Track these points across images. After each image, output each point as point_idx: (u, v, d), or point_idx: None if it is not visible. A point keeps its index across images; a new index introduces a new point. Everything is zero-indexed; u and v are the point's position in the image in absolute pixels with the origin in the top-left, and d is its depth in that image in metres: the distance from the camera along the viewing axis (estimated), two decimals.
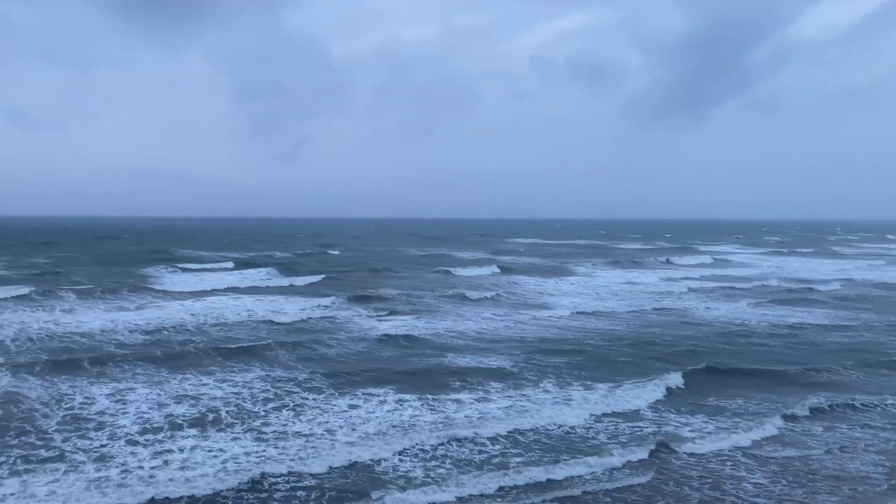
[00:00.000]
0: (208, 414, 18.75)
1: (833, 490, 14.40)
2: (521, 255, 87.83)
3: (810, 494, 14.18)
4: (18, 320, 32.53)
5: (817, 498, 14.02)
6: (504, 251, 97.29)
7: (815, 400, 20.67)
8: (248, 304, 39.40)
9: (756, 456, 16.32)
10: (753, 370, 24.67)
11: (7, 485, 13.87)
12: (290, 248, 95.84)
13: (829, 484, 14.70)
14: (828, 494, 14.18)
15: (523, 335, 31.13)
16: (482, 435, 17.37)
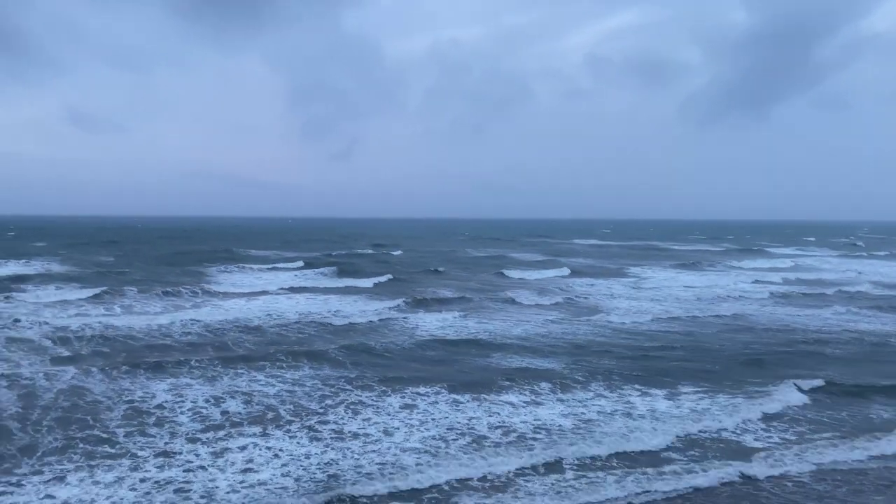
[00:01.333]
0: (267, 412, 18.96)
1: None
2: (582, 257, 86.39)
3: None
4: (82, 317, 33.79)
5: None
6: (564, 252, 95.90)
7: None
8: (302, 304, 39.90)
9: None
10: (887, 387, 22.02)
11: (72, 481, 14.24)
12: (345, 248, 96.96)
13: None
14: None
15: (600, 341, 30.47)
16: (586, 454, 16.40)
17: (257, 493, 13.68)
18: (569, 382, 22.44)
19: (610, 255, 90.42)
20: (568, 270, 62.97)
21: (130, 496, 13.41)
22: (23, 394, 20.11)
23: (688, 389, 21.76)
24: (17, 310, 35.48)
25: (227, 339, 29.22)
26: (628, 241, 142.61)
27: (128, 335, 29.42)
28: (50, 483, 13.95)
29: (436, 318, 35.08)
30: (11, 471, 14.55)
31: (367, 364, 25.00)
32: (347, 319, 34.57)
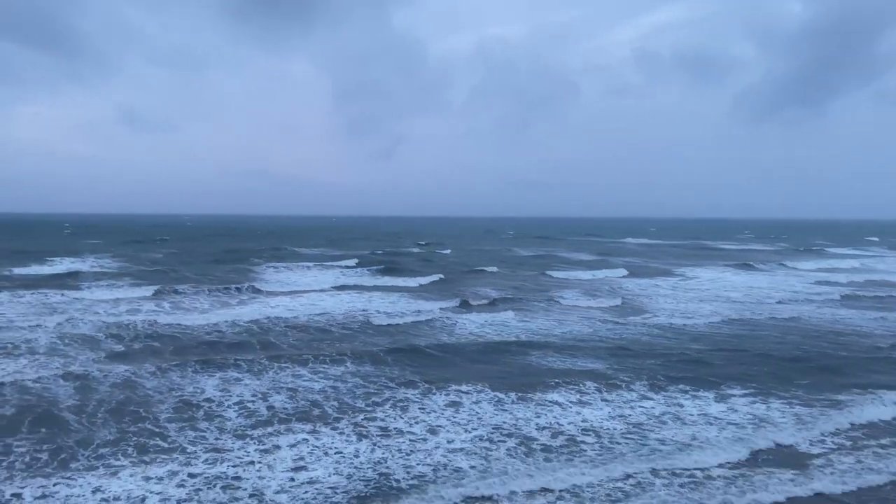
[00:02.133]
0: (313, 408, 19.15)
1: None
2: (633, 256, 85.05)
3: None
4: (134, 313, 34.75)
5: None
6: (613, 251, 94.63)
7: None
8: (348, 302, 40.23)
9: None
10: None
11: (124, 476, 14.59)
12: (390, 247, 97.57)
13: None
14: None
15: (649, 341, 29.93)
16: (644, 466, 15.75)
17: (308, 492, 13.75)
18: (616, 383, 22.07)
19: (660, 255, 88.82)
20: (621, 271, 61.90)
21: (181, 493, 13.65)
22: (78, 387, 20.74)
23: (742, 394, 21.14)
24: (72, 306, 36.70)
25: (274, 336, 29.62)
26: (678, 240, 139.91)
27: (178, 331, 30.09)
28: (103, 477, 14.31)
29: (482, 318, 34.93)
30: (67, 464, 14.99)
31: (412, 362, 25.03)
32: (392, 318, 34.68)
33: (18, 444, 16.02)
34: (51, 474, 14.33)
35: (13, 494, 13.36)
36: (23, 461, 14.99)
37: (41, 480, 14.00)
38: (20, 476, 14.22)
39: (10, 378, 21.75)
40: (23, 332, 28.94)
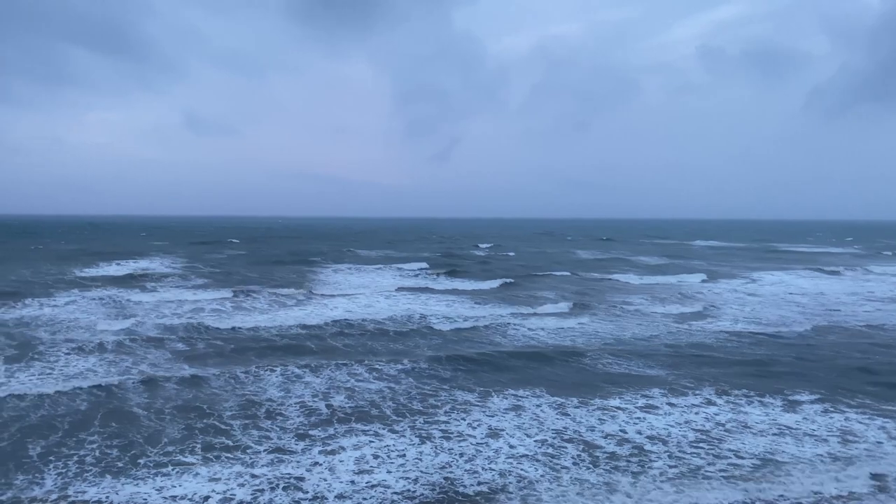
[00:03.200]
0: (372, 408, 19.33)
1: None
2: (703, 259, 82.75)
3: None
4: (198, 312, 35.82)
5: None
6: (682, 254, 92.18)
7: None
8: (407, 304, 40.48)
9: None
10: None
11: (191, 475, 15.00)
12: (448, 249, 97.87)
13: None
14: None
15: (731, 349, 29.13)
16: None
17: (372, 496, 13.81)
18: (681, 389, 21.56)
19: (731, 258, 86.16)
20: (691, 275, 60.06)
21: (244, 493, 13.93)
22: (145, 384, 21.46)
23: (810, 401, 20.30)
24: (139, 306, 38.09)
25: (335, 337, 30.02)
26: (745, 242, 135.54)
27: (240, 331, 30.83)
28: (170, 475, 14.75)
29: (546, 322, 34.59)
30: (136, 460, 15.50)
31: (472, 365, 24.95)
32: (454, 321, 34.66)
33: (90, 439, 16.67)
34: (120, 470, 14.85)
35: (84, 490, 13.88)
36: (93, 456, 15.58)
37: (110, 477, 14.52)
38: (92, 472, 14.78)
39: (80, 375, 22.69)
40: (92, 331, 30.17)
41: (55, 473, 14.57)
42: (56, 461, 15.24)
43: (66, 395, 20.25)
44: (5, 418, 17.99)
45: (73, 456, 15.55)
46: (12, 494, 13.47)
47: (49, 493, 13.57)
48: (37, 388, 20.99)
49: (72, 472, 14.73)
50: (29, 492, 13.61)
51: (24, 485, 13.97)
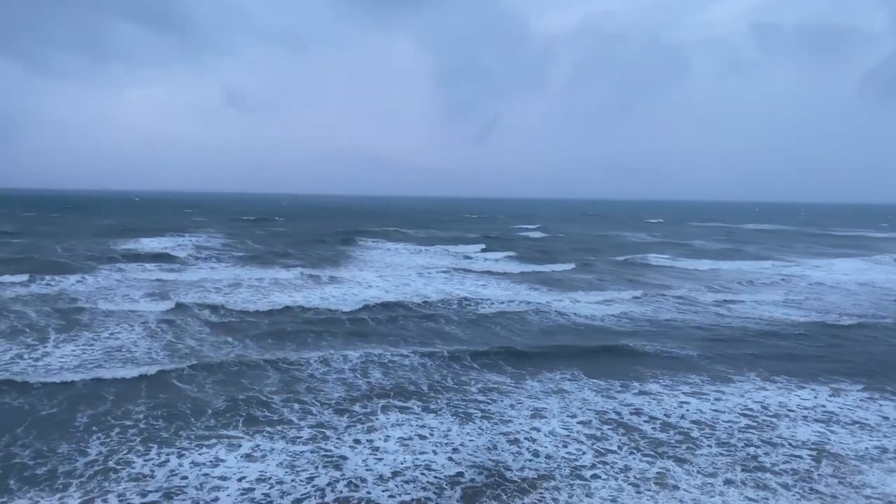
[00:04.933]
0: (408, 385, 19.60)
1: None
2: (758, 243, 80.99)
3: None
4: (237, 287, 36.56)
5: None
6: (738, 238, 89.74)
7: None
8: (445, 283, 40.65)
9: None
10: None
11: (234, 449, 15.39)
12: (489, 229, 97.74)
13: None
14: None
15: (776, 336, 28.65)
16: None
17: (418, 476, 13.96)
18: (726, 374, 21.35)
19: (784, 241, 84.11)
20: (747, 261, 58.60)
21: (284, 470, 14.24)
22: (188, 357, 22.07)
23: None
24: (180, 280, 39.01)
25: (374, 316, 30.32)
26: (798, 225, 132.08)
27: (280, 308, 31.35)
28: (214, 447, 15.16)
29: (588, 305, 34.39)
30: (180, 432, 15.96)
31: (513, 347, 24.97)
32: (491, 302, 34.70)
33: (136, 410, 17.20)
34: (164, 441, 15.31)
35: (128, 460, 14.35)
36: (138, 428, 16.07)
37: (155, 447, 14.98)
38: (135, 442, 15.27)
39: (124, 348, 23.41)
40: (134, 305, 31.01)
41: (99, 443, 15.08)
42: (100, 431, 15.77)
43: (111, 366, 20.93)
44: (51, 388, 18.67)
45: (116, 426, 16.07)
46: (55, 464, 13.98)
47: (92, 463, 14.06)
48: (81, 359, 21.74)
49: (115, 441, 15.23)
50: (71, 461, 14.12)
51: (68, 454, 14.49)
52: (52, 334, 24.84)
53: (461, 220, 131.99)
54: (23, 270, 39.28)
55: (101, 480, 13.25)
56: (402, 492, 13.10)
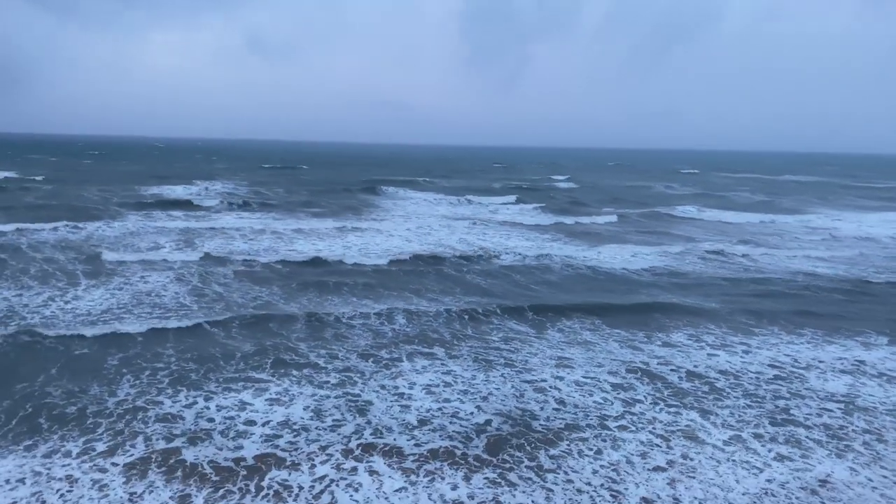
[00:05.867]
0: (430, 334, 19.80)
1: None
2: (795, 195, 79.25)
3: None
4: (260, 235, 36.88)
5: None
6: (776, 190, 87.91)
7: None
8: (468, 234, 40.63)
9: None
10: None
11: (262, 393, 15.66)
12: (522, 179, 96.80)
13: None
14: None
15: (802, 288, 28.32)
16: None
17: (446, 422, 14.11)
18: (748, 327, 21.28)
19: (825, 193, 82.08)
20: (781, 214, 57.50)
21: (310, 414, 14.46)
22: (215, 302, 22.44)
23: None
24: (204, 229, 39.37)
25: (396, 265, 30.43)
26: (838, 178, 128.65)
27: (304, 256, 31.59)
28: (243, 390, 15.45)
29: (610, 257, 34.19)
30: (210, 375, 16.27)
31: (531, 296, 25.02)
32: (515, 252, 34.64)
33: (165, 353, 17.55)
34: (192, 384, 15.63)
35: (157, 401, 14.69)
36: (168, 370, 16.41)
37: (184, 390, 15.30)
38: (164, 383, 15.61)
39: (153, 293, 23.82)
40: (159, 251, 31.45)
41: (129, 385, 15.44)
42: (129, 374, 16.12)
43: (140, 312, 21.34)
44: (82, 332, 19.08)
45: (147, 369, 16.42)
46: (84, 404, 14.35)
47: (121, 403, 14.41)
48: (110, 304, 22.17)
49: (145, 383, 15.58)
50: (101, 402, 14.49)
51: (98, 395, 14.87)
52: (82, 279, 25.32)
53: (487, 169, 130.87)
54: (51, 216, 39.95)
55: (130, 421, 13.59)
56: (428, 440, 13.22)
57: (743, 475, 12.13)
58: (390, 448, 12.79)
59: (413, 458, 12.43)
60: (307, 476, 11.70)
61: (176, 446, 12.61)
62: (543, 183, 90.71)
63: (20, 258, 28.51)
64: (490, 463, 12.35)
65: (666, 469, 12.24)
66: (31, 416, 13.61)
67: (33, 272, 26.09)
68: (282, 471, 11.85)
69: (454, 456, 12.57)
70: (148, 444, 12.62)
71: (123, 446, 12.51)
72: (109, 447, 12.48)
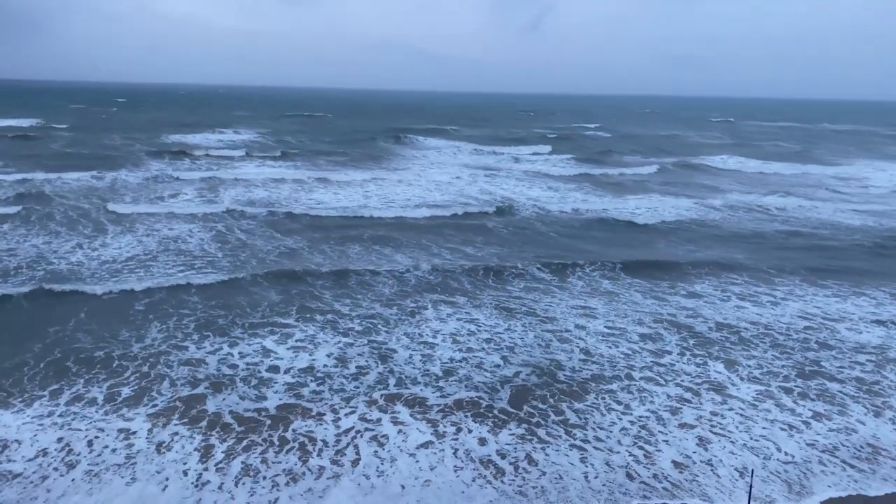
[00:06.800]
0: (452, 283, 19.71)
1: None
2: (834, 144, 77.26)
3: None
4: (279, 185, 36.92)
5: None
6: (815, 139, 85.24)
7: None
8: (487, 184, 40.29)
9: None
10: None
11: (288, 338, 15.76)
12: (553, 128, 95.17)
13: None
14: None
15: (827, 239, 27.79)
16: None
17: (467, 373, 14.10)
18: (774, 278, 20.98)
19: (866, 143, 79.67)
20: (808, 164, 56.08)
21: (331, 365, 14.51)
22: (238, 251, 22.60)
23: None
24: (225, 177, 39.46)
25: (417, 214, 30.31)
26: (887, 127, 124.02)
27: (324, 206, 31.63)
28: (269, 336, 15.53)
29: (634, 207, 33.80)
30: (234, 320, 16.37)
31: (553, 246, 24.87)
32: (535, 201, 34.36)
33: (192, 301, 17.69)
34: (218, 329, 15.74)
35: (183, 346, 14.83)
36: (193, 316, 16.54)
37: (211, 335, 15.43)
38: (190, 329, 15.75)
39: (179, 239, 24.01)
40: (186, 198, 31.63)
41: (156, 330, 15.60)
42: (157, 319, 16.29)
43: (166, 259, 21.54)
44: (110, 278, 19.30)
45: (173, 315, 16.56)
46: (112, 348, 14.54)
47: (148, 348, 14.59)
48: (137, 251, 22.38)
49: (171, 328, 15.74)
50: (128, 346, 14.67)
51: (126, 339, 15.05)
52: (108, 226, 25.54)
53: (515, 117, 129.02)
54: (77, 164, 40.28)
55: (155, 364, 13.75)
56: (454, 391, 13.12)
57: (782, 437, 11.70)
58: (415, 398, 12.73)
59: (438, 409, 12.34)
60: (332, 428, 11.57)
61: (200, 392, 12.68)
62: (573, 131, 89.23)
63: (47, 205, 28.79)
64: (516, 416, 12.18)
65: (694, 426, 11.95)
66: (60, 361, 13.79)
67: (60, 219, 26.36)
68: (307, 421, 11.77)
69: (479, 407, 12.48)
70: (173, 391, 12.72)
71: (150, 392, 12.62)
72: (135, 392, 12.60)
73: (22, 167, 38.57)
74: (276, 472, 10.27)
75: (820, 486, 10.41)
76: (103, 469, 10.22)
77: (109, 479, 9.98)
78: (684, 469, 10.68)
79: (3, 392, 12.43)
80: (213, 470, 10.28)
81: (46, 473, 10.07)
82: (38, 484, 9.81)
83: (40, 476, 9.98)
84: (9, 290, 17.84)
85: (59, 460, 10.39)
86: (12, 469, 10.12)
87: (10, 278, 18.96)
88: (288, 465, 10.47)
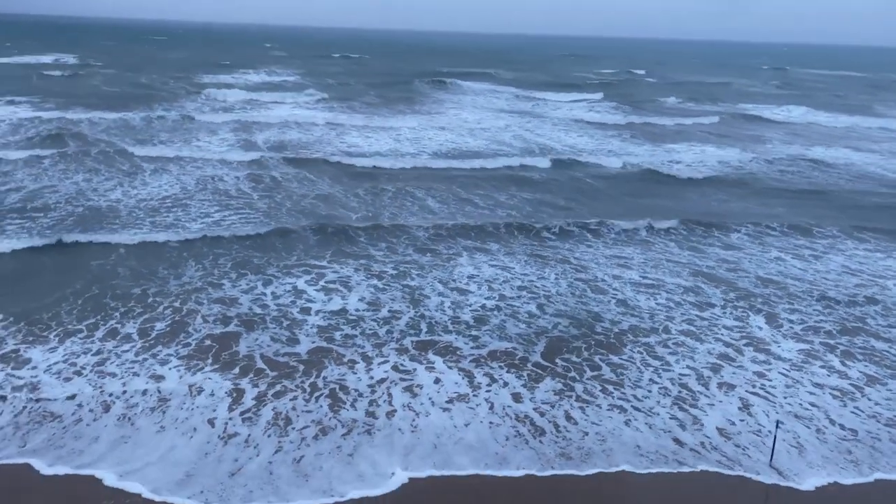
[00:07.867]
0: (487, 226, 19.51)
1: None
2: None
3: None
4: (310, 129, 36.82)
5: None
6: (878, 90, 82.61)
7: None
8: (523, 129, 39.78)
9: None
10: None
11: (321, 279, 15.78)
12: (596, 74, 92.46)
13: None
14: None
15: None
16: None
17: (500, 322, 13.94)
18: (813, 230, 20.79)
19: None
20: (873, 117, 53.52)
21: (363, 308, 14.48)
22: (273, 193, 22.77)
23: None
24: (257, 119, 39.46)
25: (450, 159, 30.13)
26: None
27: (357, 150, 31.68)
28: (302, 276, 15.60)
29: (675, 156, 33.32)
30: (269, 261, 16.45)
31: (584, 190, 24.75)
32: (573, 148, 34.01)
33: (228, 239, 17.81)
34: (255, 268, 15.86)
35: (218, 283, 14.94)
36: (231, 257, 16.65)
37: (247, 275, 15.53)
38: (226, 268, 15.86)
39: (217, 177, 24.19)
40: (221, 139, 31.83)
41: (193, 269, 15.75)
42: (192, 259, 16.43)
43: (202, 198, 21.69)
44: (150, 217, 19.49)
45: (209, 255, 16.68)
46: (148, 285, 14.73)
47: (184, 285, 14.77)
48: (174, 190, 22.58)
49: (208, 266, 15.93)
50: (164, 283, 14.86)
51: (166, 276, 15.25)
52: (145, 166, 25.72)
53: (559, 60, 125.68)
54: (112, 104, 40.46)
55: (187, 301, 13.91)
56: (487, 342, 12.90)
57: (835, 406, 11.12)
58: (448, 347, 12.60)
59: (471, 359, 12.17)
60: (364, 377, 11.38)
61: (233, 331, 12.74)
62: (618, 77, 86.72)
63: (85, 144, 29.02)
64: (552, 371, 11.89)
65: (735, 387, 11.57)
66: (98, 297, 14.00)
67: (98, 157, 26.58)
68: (340, 367, 11.65)
69: (514, 358, 12.30)
70: (205, 327, 12.83)
71: (185, 328, 12.74)
72: (170, 328, 12.73)
73: (60, 105, 38.93)
74: (304, 424, 10.00)
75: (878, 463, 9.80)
76: (136, 414, 10.11)
77: (140, 427, 9.78)
78: (730, 437, 10.18)
79: (42, 325, 12.66)
80: (238, 420, 10.03)
81: (81, 416, 10.00)
82: (69, 428, 9.71)
83: (75, 419, 9.93)
84: (49, 228, 18.12)
85: (95, 401, 10.34)
86: (51, 409, 10.14)
87: (51, 213, 19.24)
88: (318, 416, 10.24)
